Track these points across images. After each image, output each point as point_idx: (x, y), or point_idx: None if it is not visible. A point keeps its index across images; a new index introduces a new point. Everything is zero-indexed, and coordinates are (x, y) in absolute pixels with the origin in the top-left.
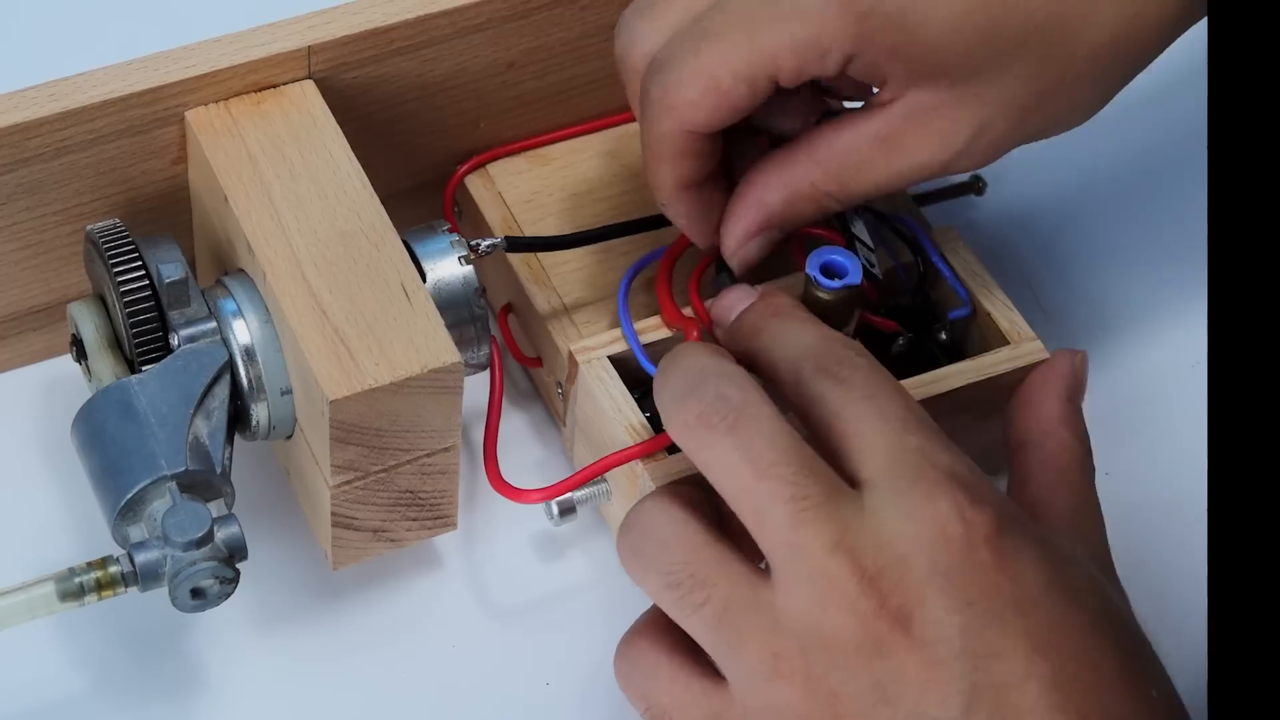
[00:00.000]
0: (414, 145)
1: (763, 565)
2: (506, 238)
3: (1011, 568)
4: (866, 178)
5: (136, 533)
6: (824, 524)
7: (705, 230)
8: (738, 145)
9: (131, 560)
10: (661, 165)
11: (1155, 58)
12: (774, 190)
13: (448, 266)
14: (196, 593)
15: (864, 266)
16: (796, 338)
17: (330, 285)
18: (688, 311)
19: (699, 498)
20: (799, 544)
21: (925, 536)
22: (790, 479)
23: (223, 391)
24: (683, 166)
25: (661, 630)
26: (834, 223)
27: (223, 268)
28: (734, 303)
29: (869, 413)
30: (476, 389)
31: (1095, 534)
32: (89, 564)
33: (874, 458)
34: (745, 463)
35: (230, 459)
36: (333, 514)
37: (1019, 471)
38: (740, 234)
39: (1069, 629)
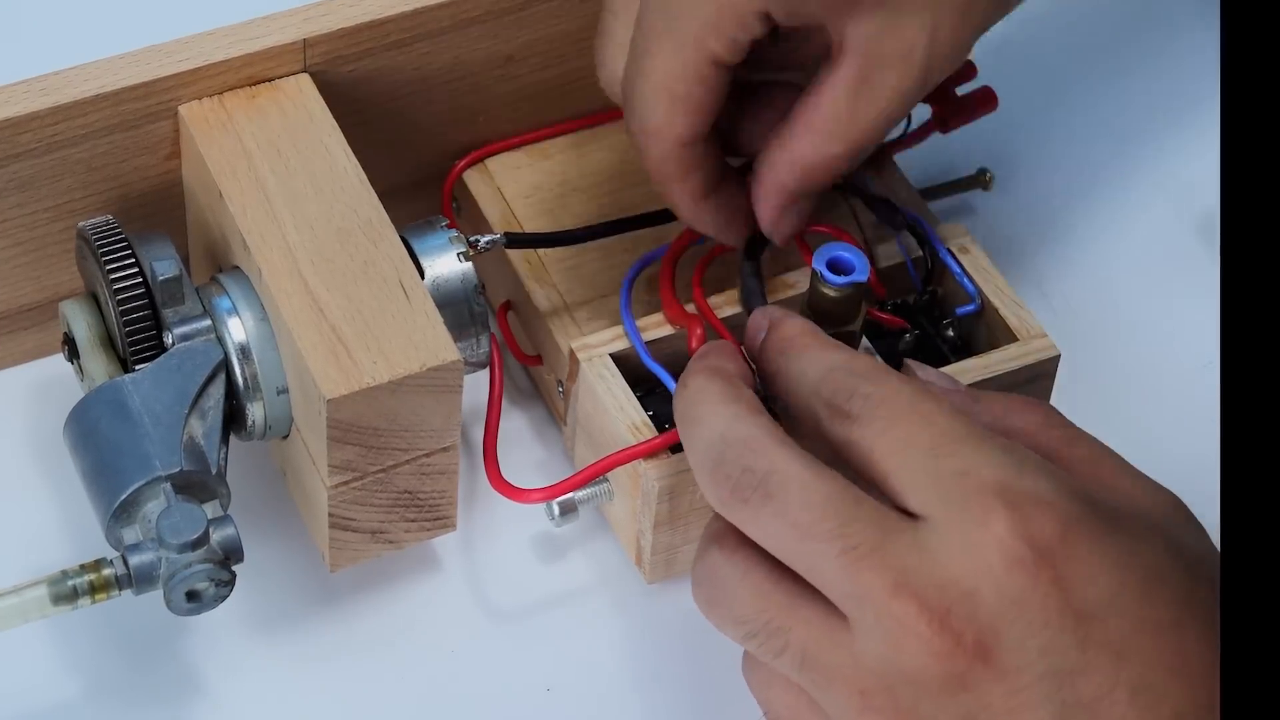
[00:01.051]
0: (412, 140)
1: None
2: (506, 234)
3: (1081, 576)
4: (861, 127)
5: (131, 535)
6: (881, 569)
7: (738, 230)
8: (753, 115)
9: (125, 563)
10: (671, 186)
11: None
12: (786, 172)
13: (446, 263)
14: (192, 595)
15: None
16: (804, 376)
17: (327, 282)
18: (691, 308)
19: None
20: (860, 592)
21: (987, 567)
22: (835, 532)
23: (218, 391)
24: (690, 181)
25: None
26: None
27: (217, 265)
28: (757, 329)
29: (895, 446)
30: (476, 388)
31: (1116, 475)
32: (82, 566)
33: (916, 491)
34: (787, 528)
35: (226, 459)
36: (330, 515)
37: None
38: (771, 218)
39: (1148, 627)
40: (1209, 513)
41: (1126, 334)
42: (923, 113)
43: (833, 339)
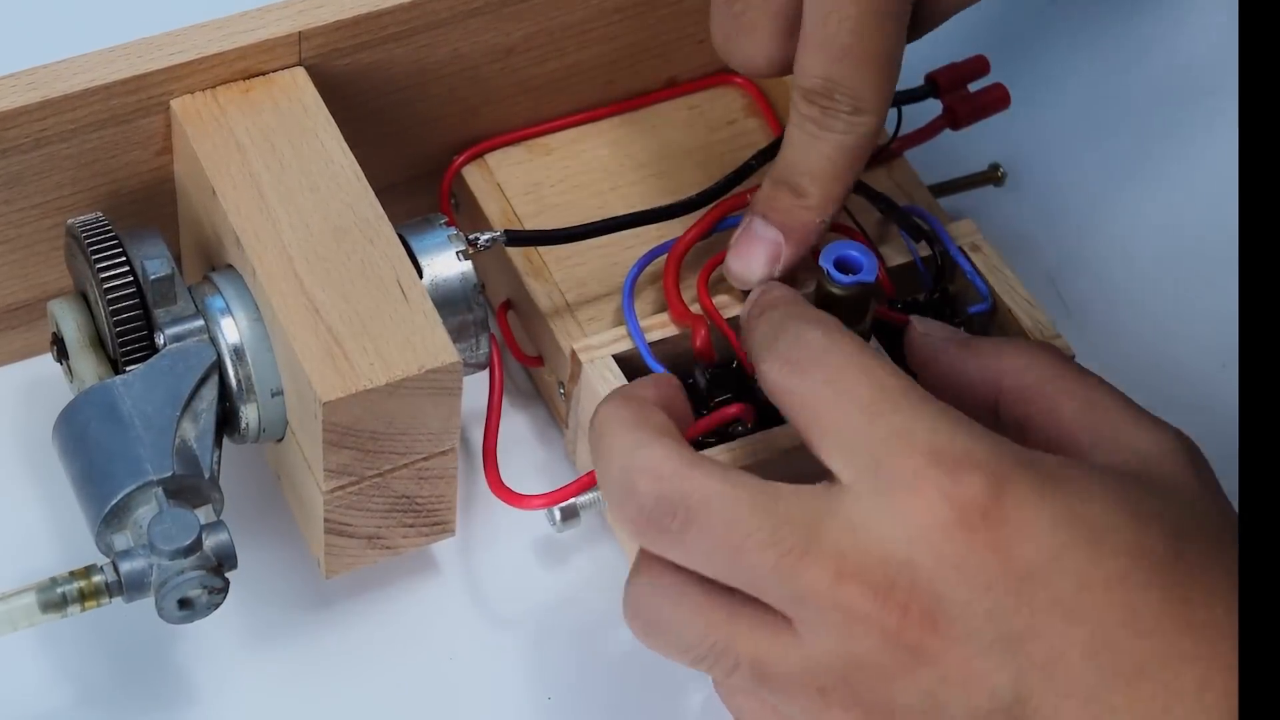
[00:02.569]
0: (409, 135)
1: None
2: (506, 231)
3: (1019, 536)
4: None
5: (121, 540)
6: (819, 563)
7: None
8: None
9: (116, 569)
10: (848, 179)
11: None
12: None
13: (445, 262)
14: (184, 603)
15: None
16: (763, 325)
17: (323, 282)
18: (696, 308)
19: None
20: (802, 591)
21: (922, 533)
22: (767, 541)
23: (211, 393)
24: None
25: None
26: None
27: (210, 263)
28: (750, 301)
29: (830, 402)
30: (475, 389)
31: (1108, 414)
32: (71, 573)
33: (847, 453)
34: (716, 550)
35: (219, 463)
36: (326, 520)
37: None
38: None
39: (1095, 584)
40: None
41: (1141, 333)
42: (935, 109)
43: (809, 305)
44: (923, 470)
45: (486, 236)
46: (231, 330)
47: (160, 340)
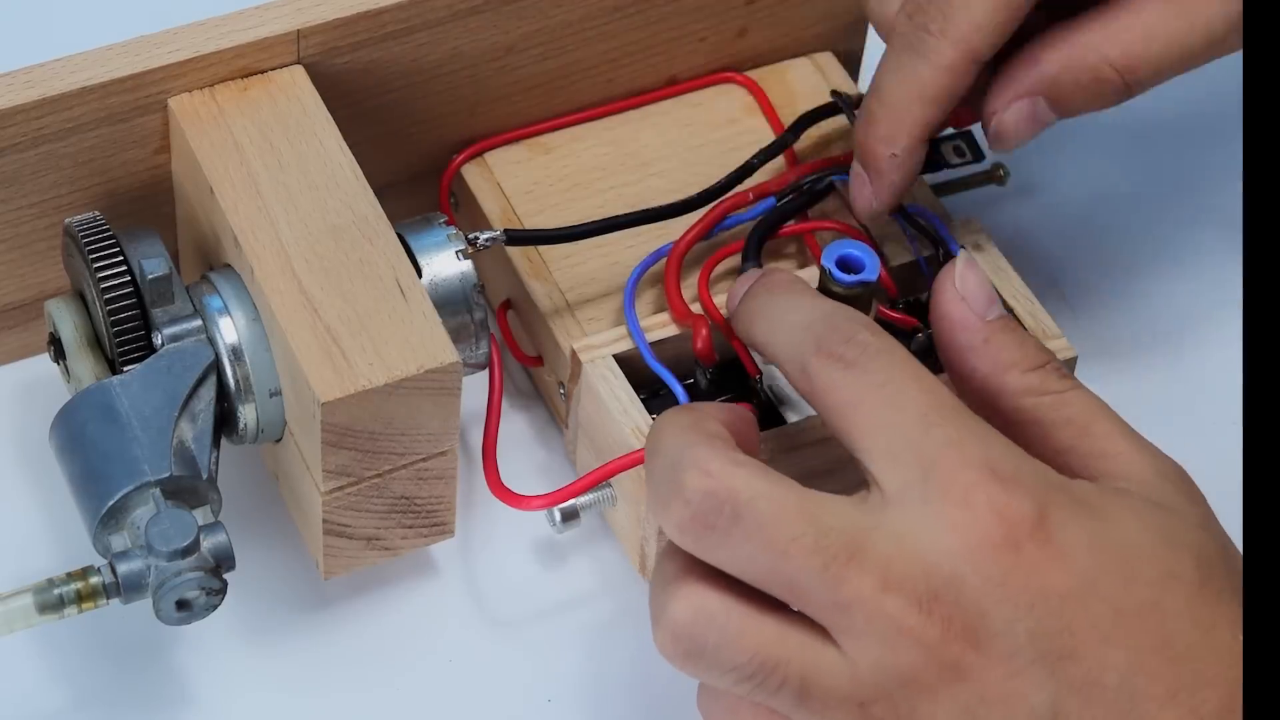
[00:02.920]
0: (408, 134)
1: None
2: (506, 231)
3: (1062, 557)
4: (1154, 44)
5: (119, 542)
6: (864, 573)
7: (905, 191)
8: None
9: (113, 570)
10: (916, 110)
11: None
12: (1052, 55)
13: (445, 261)
14: (182, 604)
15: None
16: (795, 316)
17: (321, 281)
18: (697, 308)
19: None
20: (846, 601)
21: (968, 547)
22: (813, 546)
23: (208, 393)
24: (938, 108)
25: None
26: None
27: (208, 263)
28: (740, 288)
29: (883, 405)
30: (474, 390)
31: (1106, 436)
32: (69, 574)
33: (893, 460)
34: (761, 552)
35: (217, 464)
36: (324, 521)
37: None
38: (1008, 95)
39: (1128, 611)
40: (1231, 521)
41: (1145, 335)
42: None
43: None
44: (977, 484)
45: (486, 236)
46: (229, 330)
47: (158, 340)
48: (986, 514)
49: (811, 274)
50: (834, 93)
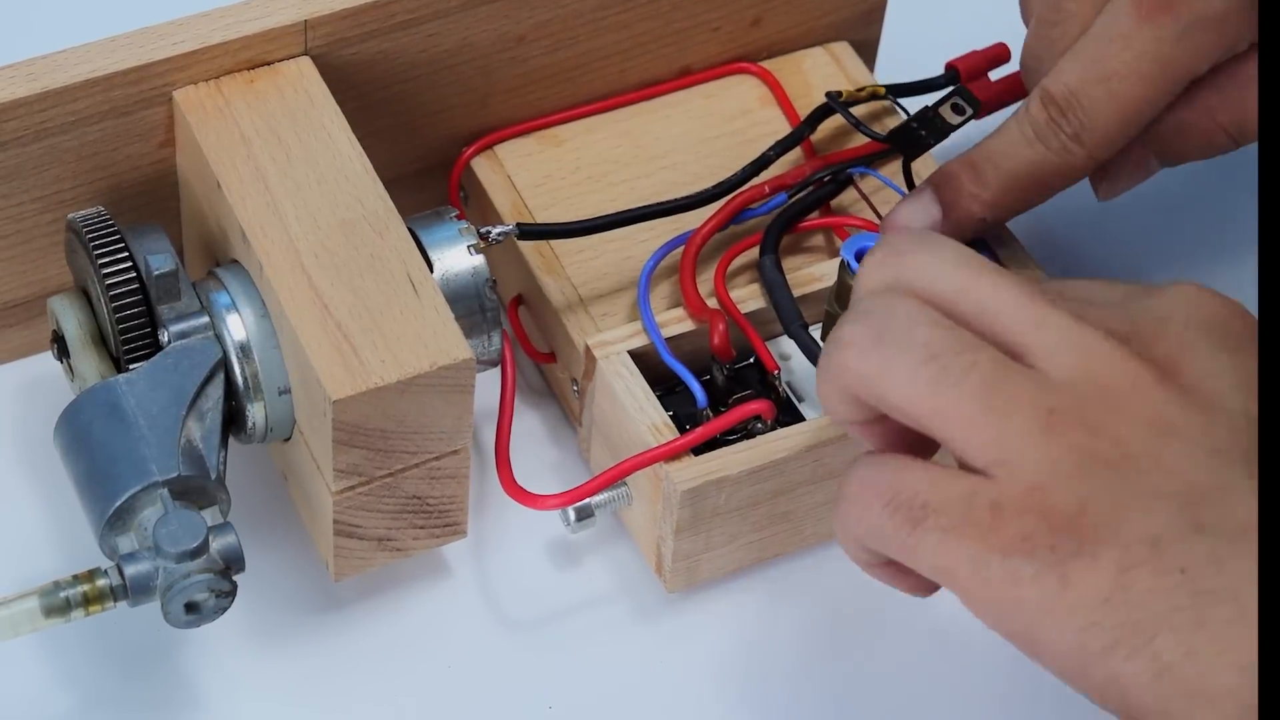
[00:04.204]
0: (417, 126)
1: None
2: (518, 225)
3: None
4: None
5: (126, 543)
6: (1057, 302)
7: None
8: None
9: (121, 573)
10: (1027, 193)
11: None
12: (1167, 116)
13: (456, 256)
14: (191, 607)
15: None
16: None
17: (331, 277)
18: (713, 302)
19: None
20: (1040, 315)
21: (1175, 303)
22: (1005, 271)
23: (216, 391)
24: (1044, 197)
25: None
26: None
27: (214, 259)
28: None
29: (1083, 287)
30: (486, 387)
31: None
32: (75, 577)
33: (1107, 291)
34: (954, 266)
35: (225, 463)
36: (335, 522)
37: None
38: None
39: None
40: None
41: None
42: None
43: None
44: (1182, 282)
45: (499, 230)
46: (238, 327)
47: (164, 338)
48: (1196, 288)
49: (831, 267)
50: (829, 95)
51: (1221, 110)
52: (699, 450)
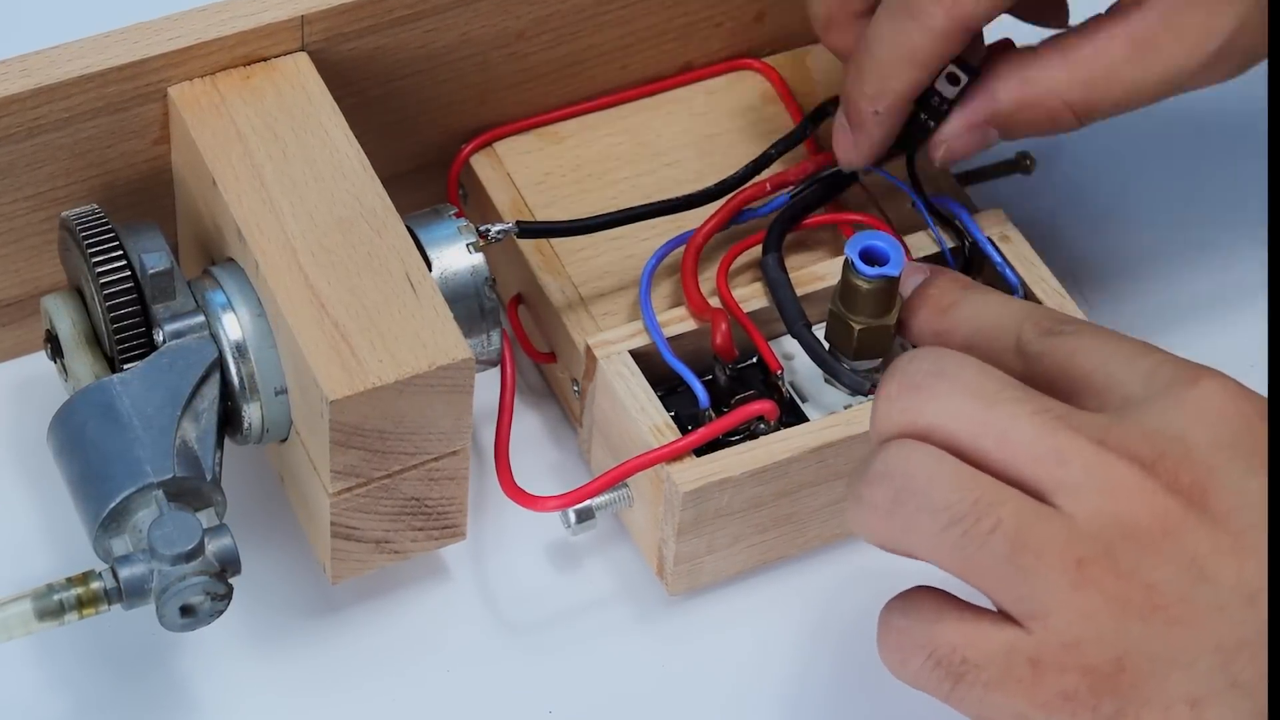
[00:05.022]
0: (416, 123)
1: None
2: (518, 222)
3: None
4: (1114, 87)
5: (120, 545)
6: (1078, 428)
7: (886, 146)
8: None
9: (115, 575)
10: (903, 71)
11: None
12: (1009, 88)
13: (455, 254)
14: (186, 610)
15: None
16: (1003, 306)
17: (328, 275)
18: (715, 301)
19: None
20: (1062, 449)
21: (1198, 416)
22: (1022, 398)
23: (212, 391)
24: (925, 71)
25: (938, 591)
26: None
27: (210, 257)
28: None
29: (1108, 347)
30: (485, 387)
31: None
32: (69, 580)
33: (1126, 378)
34: (970, 399)
35: (221, 464)
36: (332, 524)
37: None
38: (961, 125)
39: None
40: None
41: (1170, 329)
42: None
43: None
44: (1207, 372)
45: (498, 228)
46: (233, 326)
47: (159, 337)
48: (1219, 392)
49: (835, 265)
50: (828, 103)
51: (1067, 87)
52: (701, 451)
